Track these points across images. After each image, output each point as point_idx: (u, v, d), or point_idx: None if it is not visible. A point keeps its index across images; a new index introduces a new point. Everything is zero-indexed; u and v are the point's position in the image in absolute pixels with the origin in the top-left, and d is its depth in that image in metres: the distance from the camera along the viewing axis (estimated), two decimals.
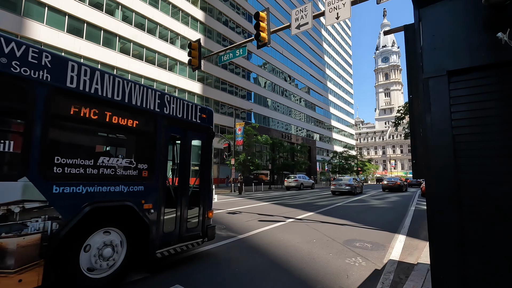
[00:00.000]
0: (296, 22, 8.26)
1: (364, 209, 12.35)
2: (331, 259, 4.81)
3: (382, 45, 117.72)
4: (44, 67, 3.03)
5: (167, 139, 4.44)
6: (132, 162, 3.84)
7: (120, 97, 3.73)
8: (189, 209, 4.75)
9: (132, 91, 3.93)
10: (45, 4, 20.43)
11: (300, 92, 54.58)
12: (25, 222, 2.74)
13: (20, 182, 2.74)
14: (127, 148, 4.22)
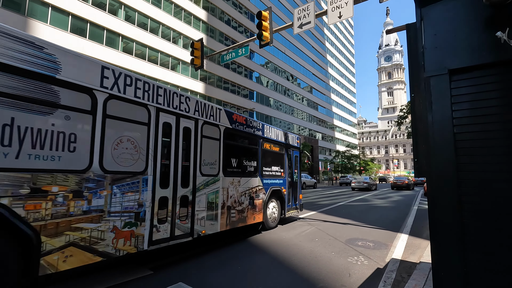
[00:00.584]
0: (299, 21, 8.25)
1: (366, 208, 12.34)
2: (333, 257, 4.83)
3: (385, 44, 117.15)
4: (261, 130, 7.20)
5: (289, 156, 8.75)
6: (279, 169, 8.01)
7: (278, 138, 8.07)
8: (294, 194, 8.88)
9: (279, 135, 8.15)
10: (49, 4, 20.55)
11: (302, 91, 54.49)
12: (258, 194, 6.81)
13: (258, 178, 6.91)
14: (278, 162, 8.08)
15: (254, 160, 6.83)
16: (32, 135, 2.91)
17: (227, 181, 5.82)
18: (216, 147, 5.65)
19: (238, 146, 6.43)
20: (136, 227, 3.87)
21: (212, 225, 5.25)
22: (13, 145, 2.78)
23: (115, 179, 3.66)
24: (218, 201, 5.47)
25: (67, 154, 3.18)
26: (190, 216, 4.81)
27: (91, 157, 3.40)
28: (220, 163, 5.67)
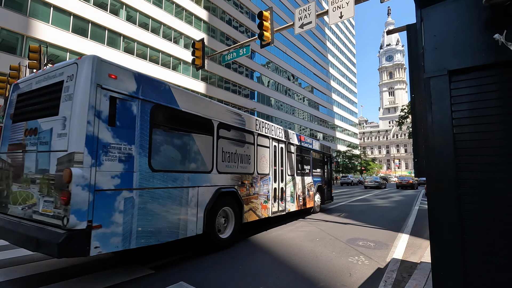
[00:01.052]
0: (300, 21, 8.27)
1: (367, 208, 12.33)
2: (334, 257, 4.84)
3: (386, 43, 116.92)
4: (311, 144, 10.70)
5: (325, 162, 11.88)
6: (321, 171, 11.30)
7: (320, 148, 11.51)
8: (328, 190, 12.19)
9: (320, 147, 11.63)
10: (51, 4, 20.62)
11: (303, 91, 54.47)
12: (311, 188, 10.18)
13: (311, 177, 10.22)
14: (319, 165, 11.22)
15: (309, 165, 10.30)
16: (239, 156, 6.20)
17: (298, 179, 9.13)
18: (293, 157, 9.03)
19: (302, 156, 9.76)
20: (267, 203, 7.16)
21: (292, 205, 8.58)
22: (234, 161, 6.00)
23: (260, 177, 6.95)
24: (294, 191, 8.79)
25: (247, 165, 6.44)
26: (284, 199, 8.07)
27: (255, 167, 6.72)
28: (295, 167, 8.99)
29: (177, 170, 4.44)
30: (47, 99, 3.80)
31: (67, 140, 3.32)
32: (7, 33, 18.68)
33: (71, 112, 3.36)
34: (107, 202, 3.41)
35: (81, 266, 3.16)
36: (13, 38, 19.02)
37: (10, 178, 4.01)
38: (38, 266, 4.19)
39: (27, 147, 3.85)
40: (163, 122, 4.31)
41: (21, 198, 3.75)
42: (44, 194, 3.43)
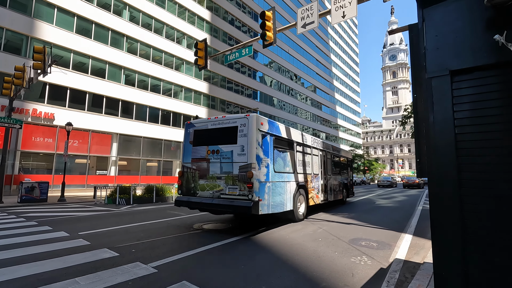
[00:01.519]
0: (302, 21, 8.26)
1: (370, 208, 12.29)
2: (336, 257, 4.84)
3: (389, 43, 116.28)
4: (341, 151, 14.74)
5: (348, 164, 15.57)
6: (345, 171, 14.86)
7: (344, 154, 15.03)
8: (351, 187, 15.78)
9: (344, 152, 15.24)
10: (55, 5, 20.78)
11: (306, 91, 54.37)
12: (340, 184, 13.67)
13: (340, 176, 13.84)
14: (345, 168, 14.97)
15: (339, 167, 13.69)
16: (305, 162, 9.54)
17: (333, 178, 12.46)
18: (331, 162, 12.37)
19: (335, 161, 13.22)
20: (318, 194, 10.35)
21: (331, 197, 11.84)
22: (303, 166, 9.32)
23: (315, 176, 10.11)
24: (332, 187, 12.06)
25: (308, 168, 9.68)
26: (326, 192, 11.32)
27: (312, 169, 9.93)
28: (331, 169, 12.37)
29: (283, 172, 7.88)
30: (226, 134, 7.06)
31: (246, 157, 6.59)
32: (12, 34, 18.85)
33: (247, 143, 6.67)
34: (262, 187, 6.65)
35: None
36: (18, 39, 19.20)
37: (196, 176, 7.34)
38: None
39: (210, 160, 7.17)
40: (277, 144, 7.68)
41: (208, 187, 7.03)
42: (229, 184, 6.72)
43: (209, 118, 7.77)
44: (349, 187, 15.16)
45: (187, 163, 7.67)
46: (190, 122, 7.95)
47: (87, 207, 12.09)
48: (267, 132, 7.15)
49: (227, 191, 6.70)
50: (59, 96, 20.60)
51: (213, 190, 6.92)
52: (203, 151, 7.39)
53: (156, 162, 27.07)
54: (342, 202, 13.94)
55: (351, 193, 15.60)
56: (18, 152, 18.50)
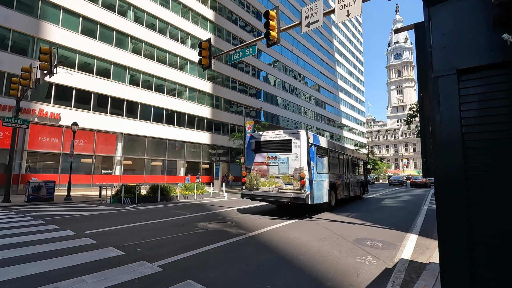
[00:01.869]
0: (306, 20, 8.23)
1: (375, 208, 12.23)
2: (341, 257, 4.83)
3: (394, 41, 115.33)
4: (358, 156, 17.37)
5: (364, 166, 18.33)
6: (361, 172, 17.36)
7: (361, 157, 17.91)
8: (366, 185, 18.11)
9: (361, 155, 18.28)
10: (60, 6, 20.97)
11: (310, 90, 54.20)
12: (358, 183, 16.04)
13: (358, 176, 16.59)
14: (361, 169, 17.43)
15: (357, 168, 16.31)
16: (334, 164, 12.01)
17: (354, 177, 14.85)
18: (352, 164, 14.85)
19: (354, 163, 15.59)
20: (343, 190, 12.74)
21: (352, 193, 14.08)
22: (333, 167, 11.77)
23: (341, 176, 12.65)
24: (353, 185, 14.33)
25: (337, 169, 12.32)
26: (349, 189, 13.57)
27: (339, 170, 12.56)
28: (352, 170, 14.75)
29: (322, 173, 10.31)
30: (282, 145, 9.64)
31: (300, 162, 9.09)
32: (18, 35, 19.08)
33: (300, 152, 9.18)
34: (310, 185, 8.97)
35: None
36: (25, 40, 19.42)
37: (258, 176, 9.95)
38: None
39: (270, 164, 9.73)
40: (318, 152, 10.10)
41: (268, 184, 9.58)
42: (285, 182, 9.21)
43: (267, 132, 10.44)
44: (365, 185, 17.83)
45: (249, 166, 10.41)
46: (252, 134, 10.85)
47: (92, 206, 12.21)
48: (312, 143, 9.69)
49: (284, 187, 9.34)
50: (65, 96, 20.81)
51: (273, 186, 9.58)
52: (263, 157, 10.04)
53: (161, 161, 27.21)
54: (359, 198, 16.41)
55: (366, 191, 18.13)
56: (25, 151, 18.74)
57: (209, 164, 31.99)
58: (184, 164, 29.28)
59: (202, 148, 31.29)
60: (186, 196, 15.95)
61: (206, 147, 31.71)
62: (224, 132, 33.85)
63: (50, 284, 3.51)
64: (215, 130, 32.82)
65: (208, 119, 32.01)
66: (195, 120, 30.55)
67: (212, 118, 32.52)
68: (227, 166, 33.93)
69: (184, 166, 29.25)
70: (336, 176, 11.87)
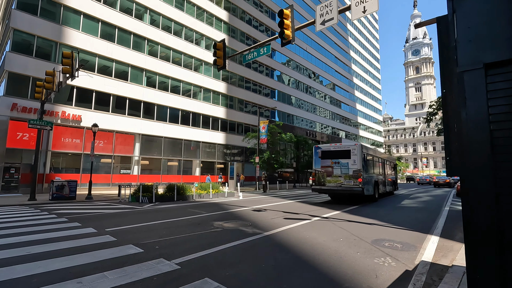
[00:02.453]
0: (321, 18, 8.13)
1: (393, 209, 11.93)
2: (358, 258, 4.74)
3: (412, 37, 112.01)
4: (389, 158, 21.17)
5: (394, 167, 22.01)
6: (394, 172, 21.51)
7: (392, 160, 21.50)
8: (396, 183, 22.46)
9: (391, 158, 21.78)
10: (81, 12, 21.75)
11: (324, 89, 53.52)
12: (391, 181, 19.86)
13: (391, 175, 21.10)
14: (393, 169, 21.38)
15: (390, 169, 19.89)
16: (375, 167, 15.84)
17: (388, 176, 18.67)
18: (387, 166, 18.98)
19: (388, 165, 19.12)
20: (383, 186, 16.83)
21: (386, 189, 17.96)
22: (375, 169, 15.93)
23: (380, 175, 16.67)
24: (387, 182, 18.20)
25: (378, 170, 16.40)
26: (385, 186, 17.60)
27: (379, 170, 16.83)
28: (387, 171, 18.75)
29: (370, 173, 14.27)
30: (344, 153, 13.58)
31: (357, 166, 13.11)
32: (42, 41, 19.94)
33: (357, 158, 13.19)
34: (363, 181, 12.91)
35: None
36: (48, 45, 20.27)
37: (324, 175, 13.92)
38: None
39: (334, 167, 13.71)
40: (367, 158, 14.12)
41: (332, 181, 13.62)
42: (346, 179, 13.21)
43: (331, 144, 15.10)
44: (396, 183, 21.89)
45: (317, 168, 14.26)
46: (318, 146, 14.76)
47: (112, 205, 12.58)
48: (364, 152, 13.66)
49: (345, 183, 13.25)
50: (85, 99, 21.56)
51: (336, 183, 13.53)
52: (328, 162, 13.93)
53: (177, 161, 27.68)
54: (392, 193, 20.13)
55: (397, 188, 22.17)
56: (49, 152, 19.56)
57: (224, 164, 32.23)
58: (199, 164, 29.64)
59: (217, 148, 31.57)
60: (202, 195, 16.14)
61: (220, 147, 31.98)
62: (238, 132, 34.01)
63: (74, 279, 3.65)
64: (229, 130, 33.04)
65: (222, 119, 32.26)
66: (210, 121, 30.87)
67: (227, 118, 32.74)
68: (242, 166, 34.05)
69: (200, 166, 29.62)
70: (378, 176, 16.01)
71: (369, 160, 14.53)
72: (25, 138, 18.25)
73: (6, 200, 13.56)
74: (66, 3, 20.96)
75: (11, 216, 9.08)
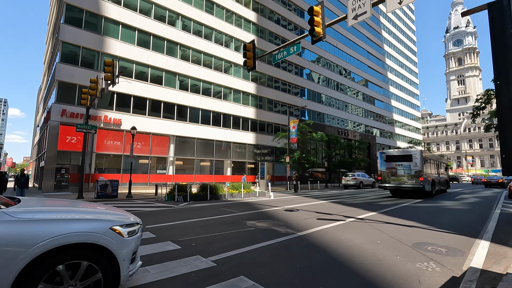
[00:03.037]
0: (353, 12, 7.86)
1: (435, 211, 11.17)
2: (399, 261, 4.51)
3: (453, 26, 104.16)
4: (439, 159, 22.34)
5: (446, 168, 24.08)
6: (446, 172, 23.36)
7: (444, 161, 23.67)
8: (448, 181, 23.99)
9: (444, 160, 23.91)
10: (119, 22, 23.22)
11: (356, 86, 51.68)
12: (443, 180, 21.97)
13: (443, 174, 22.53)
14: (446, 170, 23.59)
15: (444, 170, 22.24)
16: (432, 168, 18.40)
17: (442, 176, 20.68)
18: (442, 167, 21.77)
19: (442, 166, 21.61)
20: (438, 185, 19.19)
21: (441, 187, 20.42)
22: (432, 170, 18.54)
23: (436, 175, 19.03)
24: (441, 181, 20.20)
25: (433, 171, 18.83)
26: (440, 184, 19.61)
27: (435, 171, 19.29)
28: (441, 171, 20.87)
29: (428, 173, 17.00)
30: (406, 157, 16.61)
31: (418, 167, 16.06)
32: (86, 51, 21.59)
33: (418, 161, 16.16)
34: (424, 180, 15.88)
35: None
36: (91, 55, 21.91)
37: (389, 175, 17.10)
38: None
39: (397, 168, 16.81)
40: (425, 161, 16.78)
41: (396, 180, 16.78)
42: (409, 178, 16.26)
43: (394, 150, 18.34)
44: (448, 182, 23.42)
45: (382, 169, 17.34)
46: (382, 151, 18.02)
47: (150, 203, 13.26)
48: (423, 156, 16.35)
49: (408, 181, 16.20)
50: (124, 103, 22.98)
51: (399, 181, 16.57)
52: (392, 164, 17.00)
53: (209, 161, 28.43)
54: (445, 191, 21.76)
55: (449, 186, 23.80)
56: (94, 154, 21.13)
57: (254, 164, 32.46)
58: (231, 164, 30.16)
59: (247, 148, 31.90)
60: (234, 195, 16.41)
61: (251, 147, 32.26)
62: (268, 132, 34.07)
63: None
64: (259, 130, 33.22)
65: (252, 120, 32.52)
66: (240, 121, 31.28)
67: (256, 118, 32.95)
68: (272, 166, 34.06)
69: (231, 166, 30.14)
70: (434, 175, 18.33)
71: (427, 162, 17.39)
72: (73, 141, 19.89)
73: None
74: (106, 15, 22.50)
75: None
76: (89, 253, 2.64)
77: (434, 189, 17.63)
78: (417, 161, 16.04)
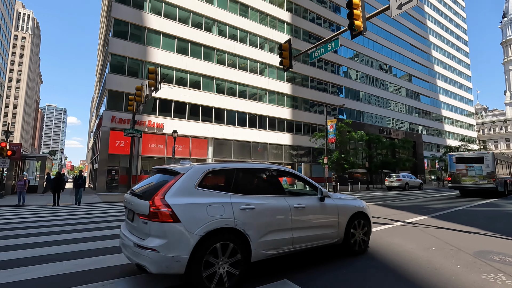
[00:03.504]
0: (397, 1, 7.37)
1: (497, 215, 9.99)
2: (459, 272, 4.07)
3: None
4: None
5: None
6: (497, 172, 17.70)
7: None
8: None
9: None
10: (160, 31, 24.59)
11: (399, 81, 48.62)
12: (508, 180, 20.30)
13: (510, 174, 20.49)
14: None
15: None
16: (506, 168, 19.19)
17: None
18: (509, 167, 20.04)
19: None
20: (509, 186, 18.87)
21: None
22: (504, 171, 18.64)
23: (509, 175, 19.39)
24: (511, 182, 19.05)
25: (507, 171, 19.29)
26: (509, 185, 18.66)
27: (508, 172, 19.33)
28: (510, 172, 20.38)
29: (500, 174, 17.34)
30: (477, 159, 17.12)
31: (490, 168, 16.61)
32: (132, 61, 23.21)
33: (490, 163, 16.62)
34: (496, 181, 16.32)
35: None
36: (136, 64, 23.50)
37: (459, 176, 17.64)
38: None
39: (468, 170, 17.35)
40: (497, 163, 17.19)
41: (467, 181, 17.31)
42: (481, 179, 16.81)
43: (464, 152, 19.85)
44: None
45: (452, 171, 17.96)
46: (452, 153, 18.51)
47: None
48: (495, 158, 16.61)
49: (480, 182, 16.50)
50: (166, 108, 24.24)
51: (470, 182, 16.93)
52: (462, 166, 17.49)
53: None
54: None
55: None
56: (139, 156, 22.58)
57: (291, 165, 32.12)
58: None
59: (284, 149, 31.68)
60: None
61: (287, 148, 31.99)
62: (304, 133, 33.51)
63: None
64: (295, 130, 32.82)
65: (288, 120, 32.25)
66: (275, 122, 31.21)
67: (292, 119, 32.61)
68: (309, 167, 33.42)
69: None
70: (507, 176, 18.43)
71: (500, 164, 17.66)
72: (121, 145, 21.46)
73: (110, 198, 16.13)
74: (149, 26, 23.98)
75: (116, 211, 10.72)
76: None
77: (507, 189, 17.94)
78: (489, 162, 16.58)
